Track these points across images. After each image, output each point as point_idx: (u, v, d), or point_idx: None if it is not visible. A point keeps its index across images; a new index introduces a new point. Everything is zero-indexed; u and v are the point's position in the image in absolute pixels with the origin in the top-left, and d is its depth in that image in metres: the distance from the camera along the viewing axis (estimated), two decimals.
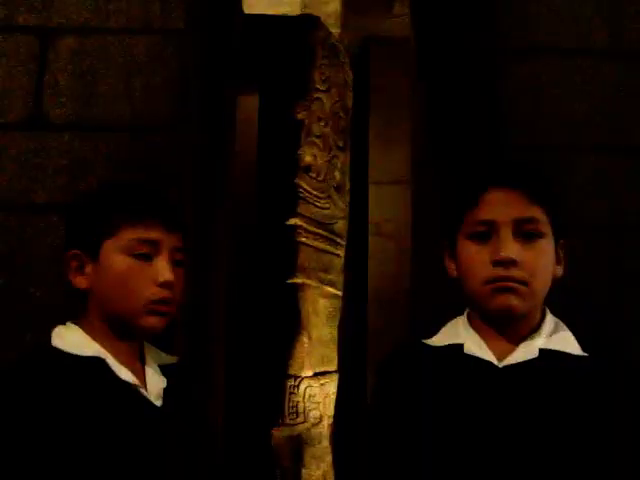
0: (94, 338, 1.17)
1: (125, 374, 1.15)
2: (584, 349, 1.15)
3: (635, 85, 1.73)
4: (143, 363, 1.23)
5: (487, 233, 1.13)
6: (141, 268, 1.14)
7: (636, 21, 1.75)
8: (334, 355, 3.18)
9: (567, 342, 1.16)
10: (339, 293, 3.26)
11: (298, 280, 3.00)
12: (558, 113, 1.72)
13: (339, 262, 3.29)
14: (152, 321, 1.16)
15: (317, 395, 3.01)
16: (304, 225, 3.04)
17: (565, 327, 1.19)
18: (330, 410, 3.08)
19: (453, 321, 1.26)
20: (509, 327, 1.15)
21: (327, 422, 3.06)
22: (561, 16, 1.77)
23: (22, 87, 1.75)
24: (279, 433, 2.94)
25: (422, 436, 1.14)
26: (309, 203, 3.08)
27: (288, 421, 2.94)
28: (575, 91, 1.73)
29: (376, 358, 4.16)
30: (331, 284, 3.18)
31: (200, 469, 1.29)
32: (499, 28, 1.78)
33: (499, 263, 1.09)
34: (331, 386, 3.10)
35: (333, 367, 3.15)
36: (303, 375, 2.97)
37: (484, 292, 1.12)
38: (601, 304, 1.65)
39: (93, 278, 1.17)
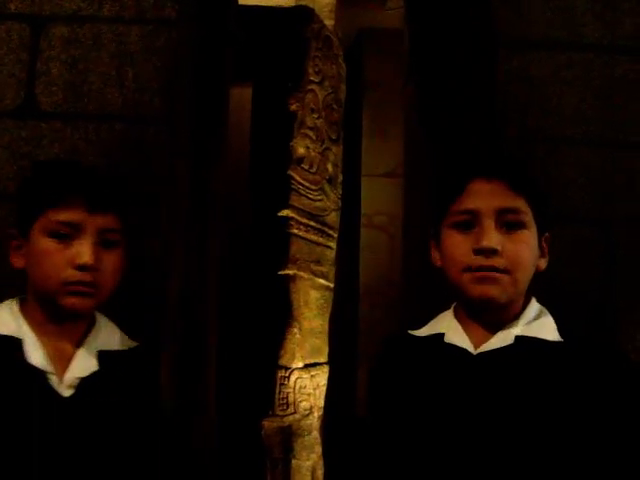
0: (28, 317, 1.18)
1: (35, 358, 1.13)
2: (562, 336, 1.16)
3: (626, 80, 1.74)
4: (80, 346, 1.20)
5: (470, 222, 1.14)
6: (58, 249, 1.14)
7: (628, 16, 1.76)
8: (325, 347, 3.19)
9: (545, 328, 1.17)
10: (330, 285, 3.27)
11: (290, 271, 3.00)
12: (549, 106, 1.73)
13: (331, 254, 3.29)
14: (72, 301, 1.14)
15: (307, 386, 3.02)
16: (296, 217, 3.04)
17: (548, 314, 1.20)
18: (320, 401, 3.10)
19: (441, 314, 1.28)
20: (490, 316, 1.17)
21: (317, 413, 3.07)
22: (553, 10, 1.77)
23: (14, 75, 1.74)
24: (269, 424, 2.95)
25: (405, 426, 1.17)
26: (301, 195, 3.08)
27: (278, 412, 2.95)
28: (566, 85, 1.74)
29: (367, 349, 4.18)
30: (323, 276, 3.19)
31: (124, 460, 1.19)
32: (492, 21, 1.78)
33: (480, 252, 1.11)
34: (322, 377, 3.11)
35: (324, 359, 3.17)
36: (294, 366, 2.97)
37: (464, 280, 1.13)
38: (591, 296, 1.66)
39: (26, 258, 1.18)
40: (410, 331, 1.29)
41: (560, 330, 1.17)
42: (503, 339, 1.15)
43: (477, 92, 1.86)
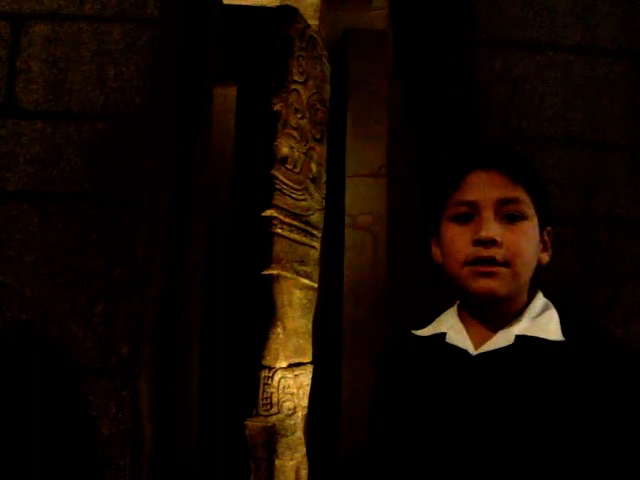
0: None
1: None
2: (565, 333, 1.12)
3: (606, 80, 1.75)
4: None
5: (469, 214, 1.12)
6: None
7: (608, 18, 1.78)
8: (309, 346, 3.19)
9: (547, 327, 1.13)
10: (314, 285, 3.26)
11: (273, 271, 3.00)
12: (531, 107, 1.74)
13: (315, 254, 3.29)
14: None
15: (291, 386, 3.01)
16: (280, 216, 3.03)
17: (552, 309, 1.16)
18: (304, 401, 3.09)
19: (446, 311, 1.26)
20: (492, 313, 1.14)
21: (301, 413, 3.07)
22: (535, 11, 1.79)
23: None
24: (253, 424, 2.94)
25: (404, 427, 1.15)
26: (285, 195, 3.07)
27: (262, 412, 2.95)
28: (548, 85, 1.75)
29: (351, 349, 4.18)
30: (306, 276, 3.19)
31: None
32: (474, 21, 1.79)
33: (479, 242, 1.08)
34: (305, 377, 3.11)
35: (307, 358, 3.16)
36: (277, 366, 2.97)
37: (464, 274, 1.11)
38: (573, 296, 1.67)
39: None
40: (413, 331, 1.27)
41: (563, 326, 1.13)
42: (503, 339, 1.12)
43: (459, 92, 1.87)
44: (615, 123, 1.74)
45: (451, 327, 1.20)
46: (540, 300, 1.18)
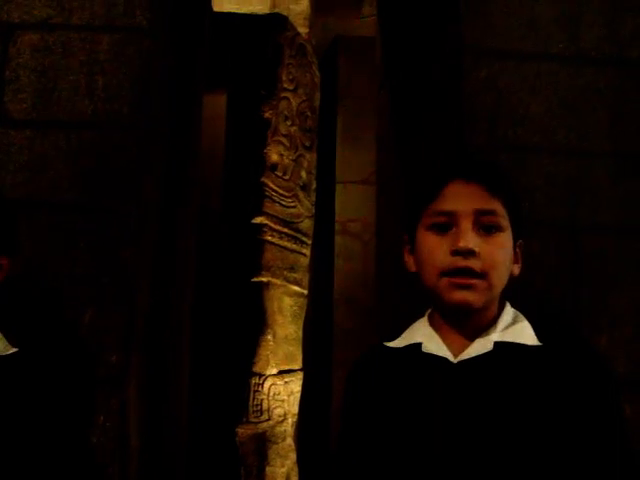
0: None
1: None
2: (540, 339, 1.15)
3: (590, 89, 1.77)
4: None
5: (447, 224, 1.13)
6: None
7: (591, 28, 1.80)
8: (299, 353, 3.20)
9: (523, 333, 1.16)
10: (304, 291, 3.27)
11: (263, 278, 3.01)
12: (517, 116, 1.75)
13: (305, 261, 3.30)
14: None
15: (281, 393, 3.02)
16: (270, 224, 3.05)
17: (523, 318, 1.19)
18: (294, 408, 3.10)
19: (416, 322, 1.26)
20: (466, 322, 1.16)
21: (291, 420, 3.08)
22: (520, 21, 1.80)
23: None
24: (243, 431, 2.95)
25: (385, 441, 1.15)
26: (275, 202, 3.09)
27: (252, 419, 2.95)
28: (533, 95, 1.76)
29: (342, 356, 4.19)
30: (296, 283, 3.20)
31: None
32: (461, 32, 1.80)
33: (458, 253, 1.10)
34: (295, 384, 3.12)
35: (298, 365, 3.17)
36: (268, 373, 2.98)
37: (441, 284, 1.12)
38: (558, 301, 1.69)
39: None
40: (385, 343, 1.27)
41: (538, 334, 1.16)
42: (482, 346, 1.14)
43: (446, 101, 1.89)
44: (599, 131, 1.75)
45: (426, 336, 1.20)
46: (510, 310, 1.20)
